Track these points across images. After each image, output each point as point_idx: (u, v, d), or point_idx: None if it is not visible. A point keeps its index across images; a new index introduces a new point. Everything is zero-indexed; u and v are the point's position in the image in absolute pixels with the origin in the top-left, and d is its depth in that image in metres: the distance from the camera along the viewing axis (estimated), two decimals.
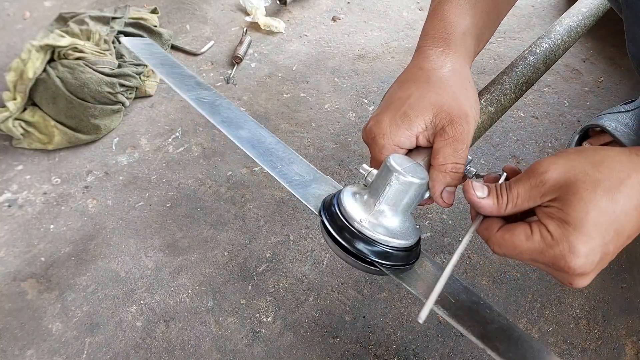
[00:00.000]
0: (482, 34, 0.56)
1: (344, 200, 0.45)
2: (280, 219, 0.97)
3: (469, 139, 0.46)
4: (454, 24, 0.53)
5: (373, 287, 0.86)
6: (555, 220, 0.39)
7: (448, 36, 0.52)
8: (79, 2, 1.55)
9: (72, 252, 0.92)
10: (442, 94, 0.47)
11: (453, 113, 0.46)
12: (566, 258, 0.38)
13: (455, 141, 0.45)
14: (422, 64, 0.51)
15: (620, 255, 0.88)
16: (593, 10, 0.71)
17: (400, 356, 0.78)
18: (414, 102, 0.47)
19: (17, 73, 1.08)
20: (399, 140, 0.48)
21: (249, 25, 1.43)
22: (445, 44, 0.52)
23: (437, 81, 0.49)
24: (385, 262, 0.44)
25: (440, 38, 0.52)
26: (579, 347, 0.78)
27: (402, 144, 0.48)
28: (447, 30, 0.52)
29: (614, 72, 1.24)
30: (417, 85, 0.49)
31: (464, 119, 0.46)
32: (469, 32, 0.53)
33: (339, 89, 1.24)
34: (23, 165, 1.08)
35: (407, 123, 0.47)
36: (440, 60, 0.51)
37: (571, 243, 0.38)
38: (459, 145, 0.46)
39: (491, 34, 0.60)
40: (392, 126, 0.47)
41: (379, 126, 0.48)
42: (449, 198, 0.46)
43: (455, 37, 0.52)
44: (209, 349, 0.79)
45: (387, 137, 0.48)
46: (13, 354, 0.80)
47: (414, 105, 0.47)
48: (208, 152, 1.10)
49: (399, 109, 0.48)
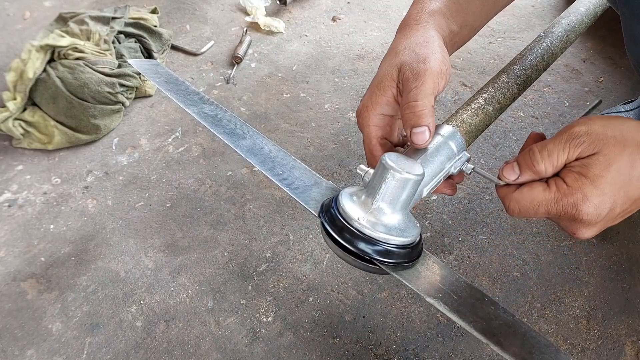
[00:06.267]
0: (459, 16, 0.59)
1: (342, 200, 0.46)
2: (280, 219, 0.97)
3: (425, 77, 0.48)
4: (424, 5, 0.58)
5: (373, 287, 0.86)
6: (574, 173, 0.42)
7: (417, 16, 0.57)
8: (79, 2, 1.55)
9: (72, 252, 0.92)
10: (404, 55, 0.50)
11: (412, 62, 0.49)
12: (578, 206, 0.42)
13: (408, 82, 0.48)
14: (393, 44, 0.55)
15: (620, 255, 0.88)
16: (591, 10, 0.71)
17: (400, 356, 0.78)
18: (383, 70, 0.51)
19: (17, 73, 1.08)
20: (380, 108, 0.51)
21: (249, 25, 1.43)
22: (414, 23, 0.56)
23: (402, 49, 0.52)
24: (385, 260, 0.44)
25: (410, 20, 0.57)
26: (579, 347, 0.78)
27: (385, 111, 0.51)
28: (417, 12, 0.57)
29: (614, 72, 1.24)
30: (386, 59, 0.53)
31: (421, 62, 0.48)
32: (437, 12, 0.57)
33: (339, 89, 1.24)
34: (23, 165, 1.08)
35: (381, 89, 0.51)
36: (408, 35, 0.54)
37: (585, 194, 0.41)
38: (412, 84, 0.47)
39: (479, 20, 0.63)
40: (371, 97, 0.51)
41: (362, 103, 0.52)
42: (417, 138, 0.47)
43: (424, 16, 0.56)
44: (209, 349, 0.80)
45: (369, 108, 0.51)
46: (13, 354, 0.80)
47: (382, 72, 0.51)
48: (208, 152, 1.10)
49: (374, 81, 0.52)
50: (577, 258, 0.89)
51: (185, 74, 1.30)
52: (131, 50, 1.22)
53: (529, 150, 0.45)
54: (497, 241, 0.92)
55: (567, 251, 0.90)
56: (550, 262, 0.88)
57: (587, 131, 0.43)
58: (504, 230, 0.93)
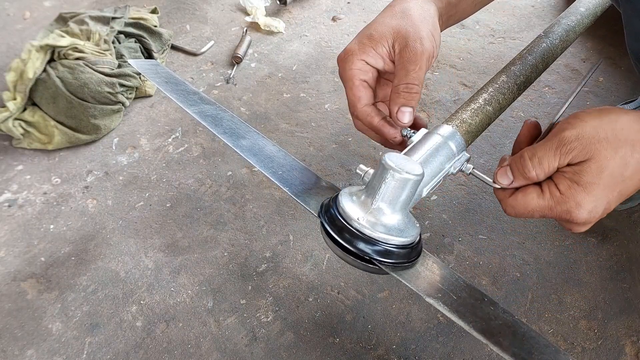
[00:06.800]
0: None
1: (342, 200, 0.46)
2: (280, 219, 0.97)
3: (422, 59, 0.49)
4: None
5: (373, 287, 0.86)
6: (567, 180, 0.43)
7: None
8: (79, 2, 1.55)
9: (72, 252, 0.92)
10: (401, 21, 0.51)
11: (409, 36, 0.49)
12: (572, 213, 0.43)
13: (408, 62, 0.49)
14: (391, 3, 0.55)
15: (620, 255, 0.88)
16: (591, 10, 0.71)
17: (400, 356, 0.78)
18: (377, 26, 0.52)
19: (17, 73, 1.08)
20: (366, 56, 0.51)
21: (249, 25, 1.43)
22: None
23: (399, 11, 0.52)
24: (384, 260, 0.44)
25: None
26: (579, 347, 0.78)
27: (370, 61, 0.51)
28: None
29: (614, 72, 1.24)
30: (382, 15, 0.53)
31: (418, 41, 0.49)
32: None
33: (339, 89, 1.24)
34: (23, 165, 1.08)
35: (372, 42, 0.51)
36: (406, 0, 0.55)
37: (578, 202, 0.42)
38: (410, 66, 0.49)
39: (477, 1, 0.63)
40: (359, 45, 0.51)
41: (347, 49, 0.52)
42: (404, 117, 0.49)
43: None
44: (209, 349, 0.80)
45: (355, 53, 0.51)
46: (13, 354, 0.80)
47: (377, 28, 0.51)
48: (208, 152, 1.10)
49: (364, 33, 0.52)
50: (577, 258, 0.89)
51: (185, 74, 1.30)
52: (131, 50, 1.22)
53: (520, 157, 0.45)
54: (497, 241, 0.92)
55: (567, 251, 0.90)
56: (550, 262, 0.88)
57: (577, 136, 0.42)
58: (504, 230, 0.93)
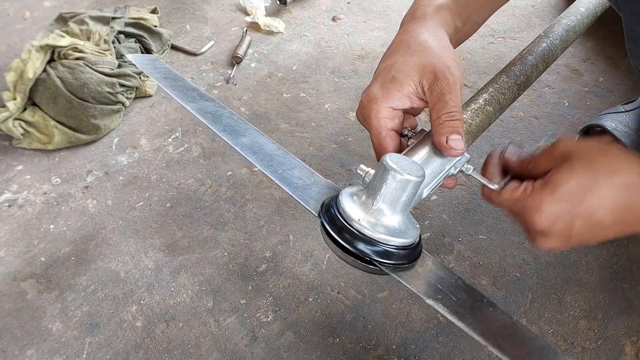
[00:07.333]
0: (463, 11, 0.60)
1: (343, 200, 0.46)
2: (280, 219, 0.97)
3: (457, 87, 0.50)
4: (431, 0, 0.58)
5: (373, 287, 0.86)
6: (541, 179, 0.44)
7: (424, 10, 0.57)
8: (79, 2, 1.55)
9: (72, 252, 0.92)
10: (423, 56, 0.51)
11: (437, 69, 0.49)
12: (530, 211, 0.43)
13: (443, 94, 0.49)
14: (403, 37, 0.55)
15: (620, 256, 0.88)
16: (591, 10, 0.71)
17: (400, 356, 0.78)
18: (399, 66, 0.51)
19: (17, 73, 1.08)
20: (392, 102, 0.50)
21: (249, 25, 1.43)
22: (422, 16, 0.57)
23: (417, 46, 0.52)
24: (384, 261, 0.44)
25: (418, 13, 0.57)
26: (579, 347, 0.78)
27: (396, 105, 0.51)
28: (423, 4, 0.58)
29: (614, 72, 1.24)
30: (400, 53, 0.53)
31: (447, 71, 0.49)
32: (444, 7, 0.58)
33: (339, 89, 1.24)
34: (23, 165, 1.08)
35: (397, 85, 0.50)
36: (418, 29, 0.55)
37: (541, 199, 0.43)
38: (447, 97, 0.49)
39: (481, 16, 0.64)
40: (383, 90, 0.51)
41: (371, 95, 0.51)
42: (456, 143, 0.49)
43: (431, 10, 0.57)
44: (209, 349, 0.80)
45: (381, 100, 0.50)
46: (13, 354, 0.80)
47: (400, 69, 0.51)
48: (208, 152, 1.10)
49: (387, 75, 0.51)
50: (577, 258, 0.89)
51: (185, 74, 1.30)
52: (131, 50, 1.23)
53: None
54: (497, 241, 0.92)
55: (567, 251, 0.90)
56: (550, 262, 0.88)
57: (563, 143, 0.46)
58: (504, 230, 0.93)
